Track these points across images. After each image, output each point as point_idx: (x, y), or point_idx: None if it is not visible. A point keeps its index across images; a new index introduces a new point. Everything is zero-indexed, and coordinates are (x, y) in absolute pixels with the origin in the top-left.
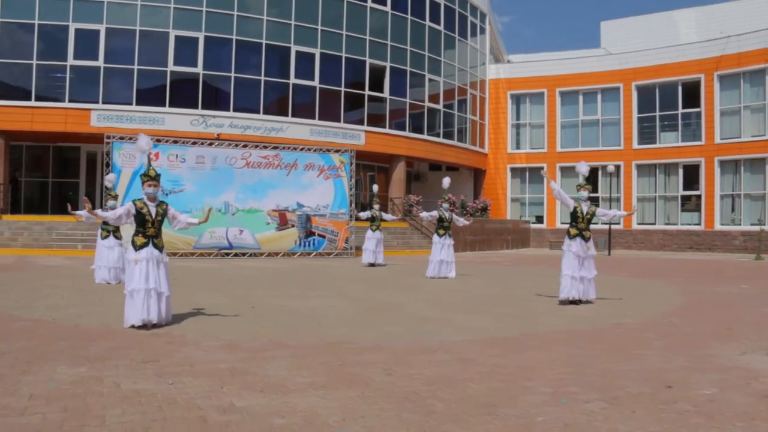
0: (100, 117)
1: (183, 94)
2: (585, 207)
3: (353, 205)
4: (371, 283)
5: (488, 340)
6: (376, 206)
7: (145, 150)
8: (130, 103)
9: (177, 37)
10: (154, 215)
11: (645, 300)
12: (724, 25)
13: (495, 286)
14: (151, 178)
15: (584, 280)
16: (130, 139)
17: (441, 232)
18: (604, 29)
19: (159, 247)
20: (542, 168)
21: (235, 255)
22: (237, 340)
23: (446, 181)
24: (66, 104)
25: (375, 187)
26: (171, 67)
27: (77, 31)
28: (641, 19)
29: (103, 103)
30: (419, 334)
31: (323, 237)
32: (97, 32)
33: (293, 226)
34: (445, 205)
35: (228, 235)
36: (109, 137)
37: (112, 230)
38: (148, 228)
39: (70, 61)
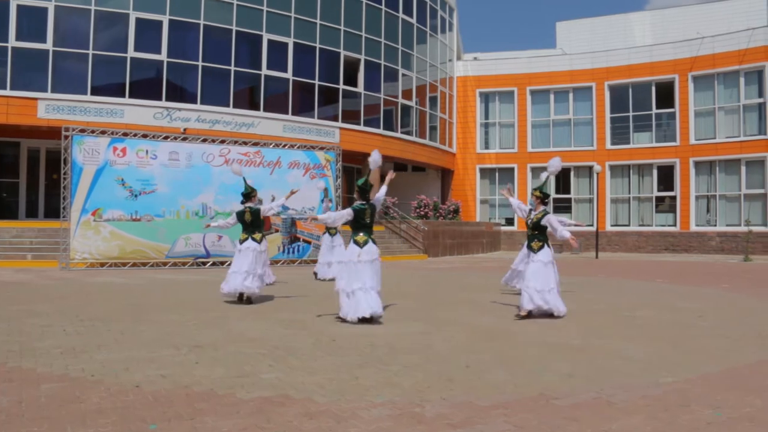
0: (48, 108)
1: (145, 83)
2: (533, 213)
3: (340, 208)
4: (420, 299)
5: (710, 377)
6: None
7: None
8: (84, 93)
9: (138, 20)
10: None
11: None
12: (679, 29)
13: (581, 299)
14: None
15: (542, 292)
16: (92, 132)
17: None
18: (559, 30)
19: None
20: (512, 168)
21: (213, 264)
22: (400, 401)
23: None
24: (7, 92)
25: (321, 183)
26: (131, 53)
27: (20, 7)
28: (597, 20)
29: (53, 92)
30: (610, 375)
31: (309, 243)
32: (45, 10)
33: (277, 230)
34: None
35: (205, 242)
36: (68, 130)
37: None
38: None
39: (12, 42)
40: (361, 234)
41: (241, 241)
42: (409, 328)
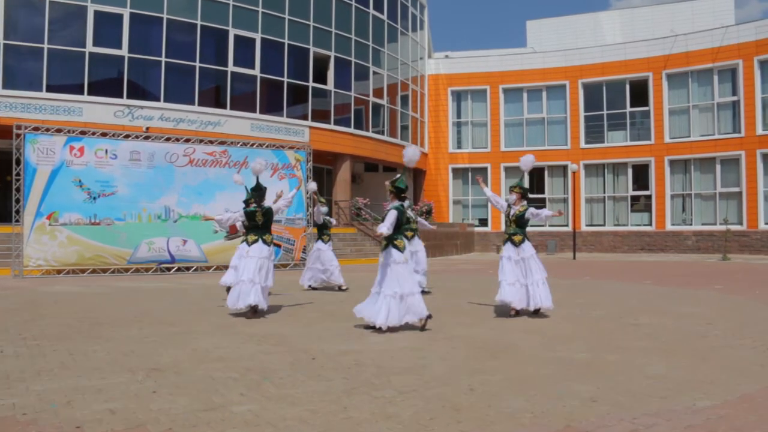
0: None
1: (105, 80)
2: (513, 209)
3: (310, 210)
4: None
5: (753, 398)
6: (324, 208)
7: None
8: (40, 90)
9: (97, 13)
10: None
11: None
12: (648, 28)
13: (573, 303)
14: None
15: (527, 287)
16: (47, 130)
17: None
18: (530, 28)
19: None
20: (485, 167)
21: (178, 270)
22: None
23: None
24: None
25: (312, 185)
26: (90, 47)
27: None
28: (567, 19)
29: (5, 88)
30: (639, 399)
31: (279, 246)
32: None
33: (244, 233)
34: (407, 202)
35: (169, 247)
36: (20, 128)
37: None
38: None
39: None
40: (401, 239)
41: (249, 243)
42: (394, 343)
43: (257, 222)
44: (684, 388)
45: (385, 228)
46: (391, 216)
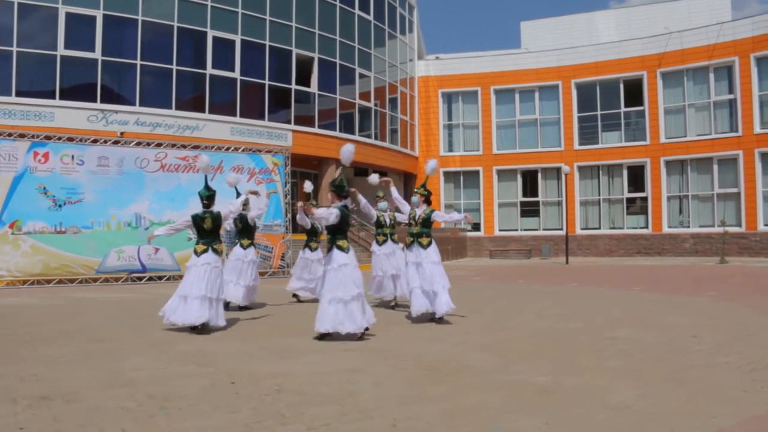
0: None
1: (77, 84)
2: (418, 211)
3: (289, 216)
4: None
5: None
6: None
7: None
8: (9, 94)
9: (69, 15)
10: None
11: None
12: (644, 27)
13: (551, 314)
14: None
15: (429, 293)
16: (9, 135)
17: (381, 238)
18: (524, 29)
19: None
20: (477, 170)
21: (150, 279)
22: None
23: (374, 178)
24: None
25: (308, 185)
26: (61, 50)
27: None
28: (562, 19)
29: None
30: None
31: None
32: None
33: (221, 241)
34: (382, 204)
35: (140, 255)
36: None
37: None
38: None
39: None
40: (344, 240)
41: (198, 253)
42: (335, 363)
43: (205, 228)
44: (648, 423)
45: (322, 212)
46: (334, 210)
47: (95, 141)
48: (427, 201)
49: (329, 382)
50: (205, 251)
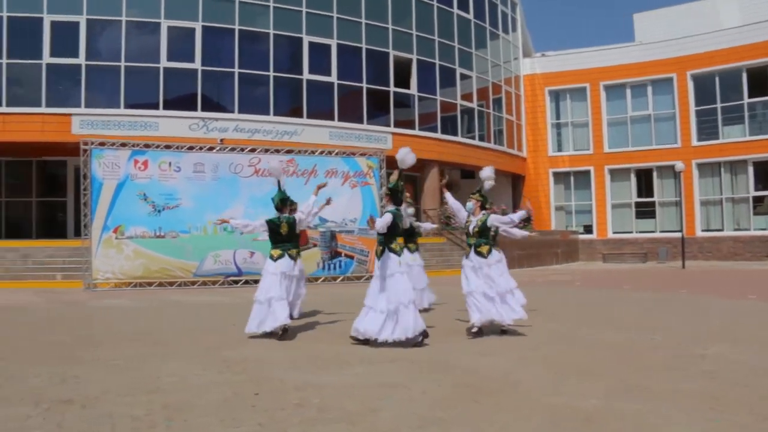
0: (83, 123)
1: (179, 94)
2: (474, 219)
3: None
4: (439, 324)
5: None
6: (411, 209)
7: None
8: (117, 107)
9: (170, 28)
10: None
11: None
12: None
13: (640, 326)
14: None
15: (495, 300)
16: (112, 145)
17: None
18: (637, 22)
19: None
20: (588, 170)
21: (246, 282)
22: None
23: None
24: (42, 109)
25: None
26: (164, 62)
27: (54, 24)
28: (678, 9)
29: (86, 107)
30: None
31: (351, 258)
32: (76, 24)
33: (315, 245)
34: (410, 209)
35: (236, 259)
36: (86, 143)
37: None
38: None
39: (46, 59)
40: (397, 243)
41: (274, 258)
42: (376, 376)
43: (282, 233)
44: None
45: (379, 223)
46: (387, 217)
47: (191, 148)
48: (483, 207)
49: (357, 396)
50: (281, 256)
